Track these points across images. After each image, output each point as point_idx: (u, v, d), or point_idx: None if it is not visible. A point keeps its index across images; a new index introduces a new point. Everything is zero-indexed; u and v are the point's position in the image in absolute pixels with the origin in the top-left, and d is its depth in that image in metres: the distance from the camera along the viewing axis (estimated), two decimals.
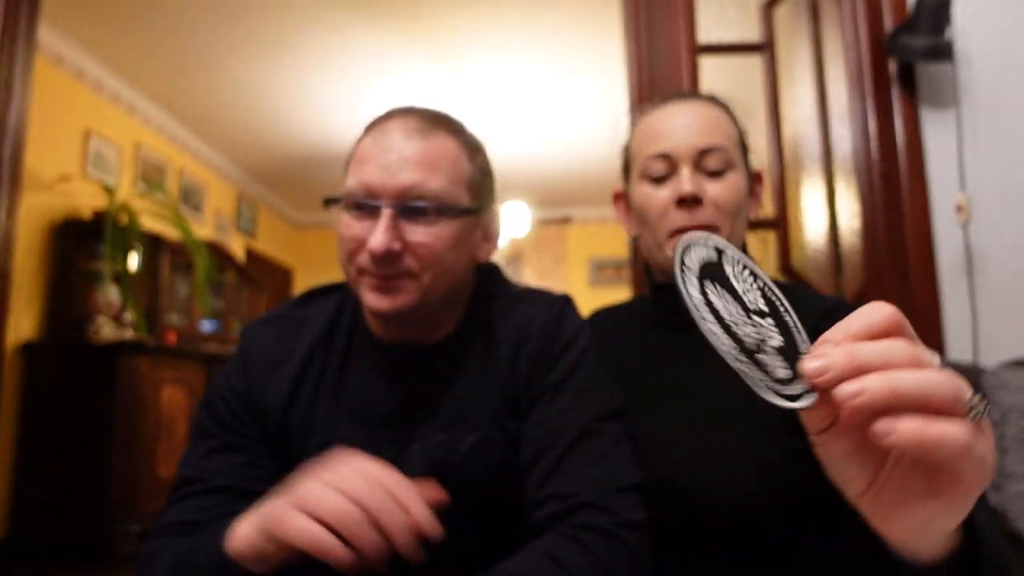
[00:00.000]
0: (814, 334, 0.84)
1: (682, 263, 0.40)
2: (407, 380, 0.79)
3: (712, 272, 0.41)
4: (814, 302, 0.83)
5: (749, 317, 0.40)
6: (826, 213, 1.85)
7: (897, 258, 1.53)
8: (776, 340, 0.39)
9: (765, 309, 0.41)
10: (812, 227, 1.94)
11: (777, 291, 0.42)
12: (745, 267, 0.42)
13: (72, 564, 2.90)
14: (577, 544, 0.64)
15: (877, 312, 0.37)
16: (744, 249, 0.91)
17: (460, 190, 0.76)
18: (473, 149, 0.80)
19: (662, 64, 1.73)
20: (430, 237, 0.73)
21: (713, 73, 1.77)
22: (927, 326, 1.48)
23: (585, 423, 0.73)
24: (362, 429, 0.78)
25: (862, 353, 0.35)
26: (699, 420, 0.80)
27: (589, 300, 0.94)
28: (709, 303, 0.39)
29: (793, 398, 0.37)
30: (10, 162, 1.79)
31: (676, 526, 0.77)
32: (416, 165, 0.73)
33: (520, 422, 0.77)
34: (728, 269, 0.41)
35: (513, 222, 5.44)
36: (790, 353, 0.39)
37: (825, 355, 0.36)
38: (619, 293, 5.94)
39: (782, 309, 0.41)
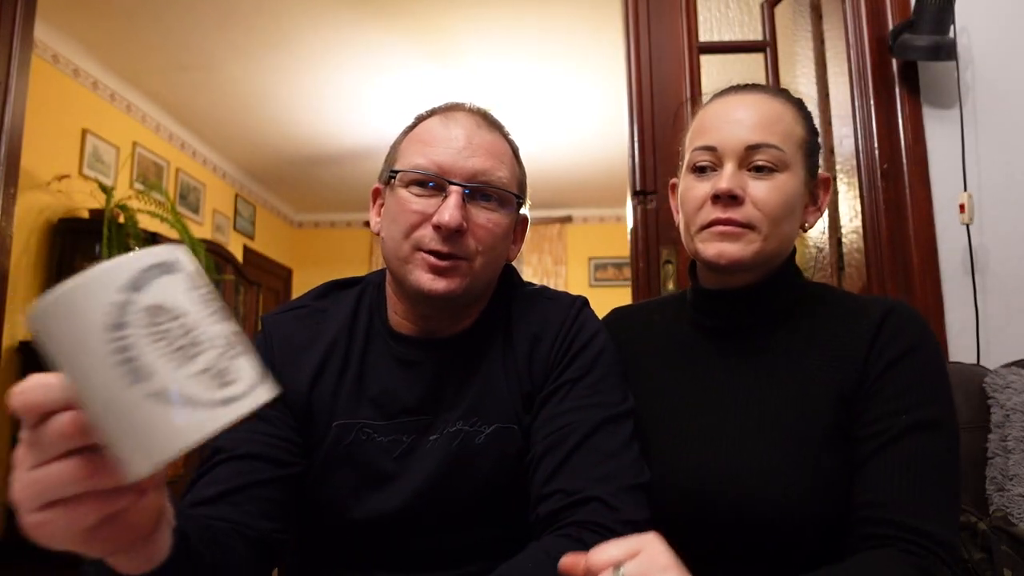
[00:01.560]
0: (871, 348, 0.76)
1: None
2: (427, 371, 0.81)
3: None
4: (860, 317, 0.79)
5: None
6: (828, 212, 1.84)
7: (899, 258, 1.52)
8: None
9: None
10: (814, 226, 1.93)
11: None
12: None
13: (70, 566, 2.88)
14: (579, 544, 0.64)
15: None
16: (792, 256, 0.84)
17: (515, 186, 0.82)
18: (518, 155, 0.87)
19: (663, 63, 1.72)
20: (491, 222, 0.78)
21: (714, 72, 1.76)
22: (930, 327, 1.47)
23: (596, 422, 0.75)
24: (382, 416, 0.80)
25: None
26: (737, 429, 0.77)
27: (590, 300, 0.95)
28: None
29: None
30: (7, 161, 1.77)
31: (704, 532, 0.75)
32: (486, 153, 0.78)
33: (533, 417, 0.79)
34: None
35: None
36: None
37: None
38: (619, 293, 5.93)
39: None
